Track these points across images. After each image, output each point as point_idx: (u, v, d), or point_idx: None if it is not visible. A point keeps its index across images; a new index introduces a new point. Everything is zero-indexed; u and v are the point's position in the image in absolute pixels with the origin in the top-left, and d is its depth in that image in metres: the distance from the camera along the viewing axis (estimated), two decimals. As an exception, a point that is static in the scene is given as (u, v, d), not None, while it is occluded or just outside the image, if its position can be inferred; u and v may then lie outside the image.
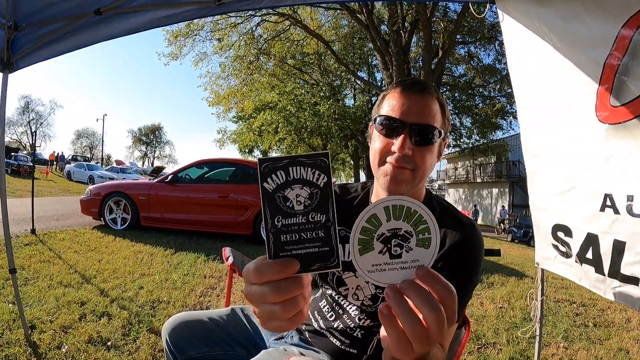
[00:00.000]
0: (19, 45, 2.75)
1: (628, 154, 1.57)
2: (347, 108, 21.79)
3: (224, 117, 24.02)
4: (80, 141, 73.21)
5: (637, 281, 1.57)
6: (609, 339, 3.86)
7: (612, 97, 1.61)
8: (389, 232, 0.58)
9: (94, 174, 26.74)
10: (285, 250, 0.58)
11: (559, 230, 2.03)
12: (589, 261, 1.82)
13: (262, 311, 0.59)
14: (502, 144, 25.60)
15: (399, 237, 0.58)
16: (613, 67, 1.58)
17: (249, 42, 16.73)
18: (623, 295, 1.66)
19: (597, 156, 1.72)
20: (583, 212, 1.84)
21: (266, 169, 0.57)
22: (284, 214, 0.58)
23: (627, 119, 1.55)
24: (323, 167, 0.58)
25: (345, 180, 46.12)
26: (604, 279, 1.74)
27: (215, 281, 4.91)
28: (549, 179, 2.09)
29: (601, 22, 1.63)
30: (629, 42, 1.51)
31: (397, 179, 1.16)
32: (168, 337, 1.44)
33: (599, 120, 1.69)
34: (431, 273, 0.57)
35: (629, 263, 1.60)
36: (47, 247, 5.82)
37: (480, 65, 19.36)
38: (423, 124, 1.15)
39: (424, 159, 1.17)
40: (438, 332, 0.54)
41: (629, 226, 1.59)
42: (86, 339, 2.99)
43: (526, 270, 7.48)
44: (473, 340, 3.64)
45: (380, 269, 0.59)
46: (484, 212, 34.87)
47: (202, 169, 8.64)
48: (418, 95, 1.17)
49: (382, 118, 1.19)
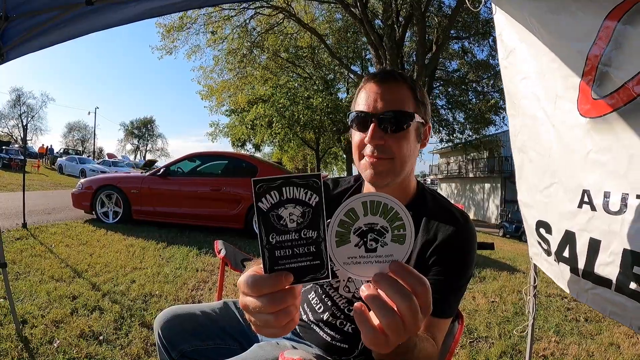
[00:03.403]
0: (10, 36, 2.71)
1: (607, 149, 1.53)
2: (340, 102, 21.73)
3: (216, 111, 23.96)
4: (72, 134, 72.51)
5: (610, 284, 1.51)
6: (600, 334, 3.89)
7: (594, 89, 1.57)
8: (365, 226, 0.61)
9: (86, 167, 26.53)
10: (279, 265, 0.62)
11: (541, 226, 2.01)
12: (565, 260, 1.78)
13: (257, 320, 0.63)
14: (495, 139, 25.68)
15: (375, 231, 0.61)
16: (596, 57, 1.55)
17: (242, 35, 16.63)
18: (595, 299, 1.62)
19: (577, 151, 1.68)
20: (562, 209, 1.80)
21: (260, 189, 0.60)
22: (277, 231, 0.61)
23: (607, 112, 1.51)
24: (315, 188, 0.60)
25: (338, 174, 46.22)
26: (578, 279, 1.69)
27: (208, 275, 4.91)
28: (534, 174, 2.07)
29: (588, 12, 1.60)
30: (612, 31, 1.48)
31: (377, 170, 1.17)
32: (160, 331, 1.43)
33: (580, 114, 1.65)
34: (403, 267, 0.60)
35: (603, 263, 1.55)
36: (38, 241, 5.78)
37: (474, 60, 19.41)
38: (391, 110, 1.15)
39: (399, 146, 1.16)
40: (412, 322, 0.56)
41: (605, 224, 1.54)
42: (78, 333, 2.97)
43: (518, 264, 7.51)
44: (465, 334, 3.66)
45: (356, 262, 0.62)
46: (476, 207, 35.02)
47: (194, 162, 8.59)
48: (383, 84, 1.19)
49: (354, 114, 1.21)
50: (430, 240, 1.17)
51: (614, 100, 1.48)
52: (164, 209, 7.87)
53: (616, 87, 1.47)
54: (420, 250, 1.18)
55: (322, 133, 25.51)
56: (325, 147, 31.56)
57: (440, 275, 1.13)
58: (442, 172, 42.84)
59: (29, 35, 2.67)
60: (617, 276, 1.47)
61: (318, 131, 24.89)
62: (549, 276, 2.03)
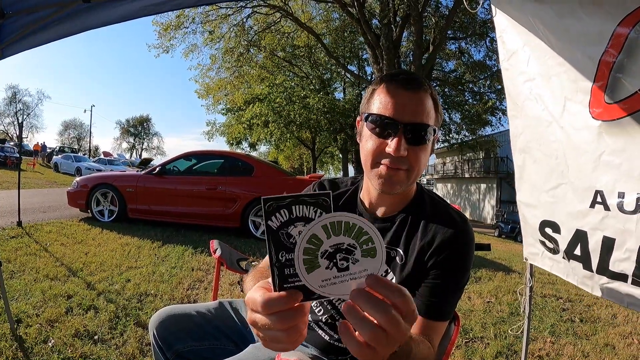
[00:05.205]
0: (6, 33, 2.69)
1: (621, 151, 1.57)
2: (337, 101, 21.74)
3: (213, 110, 23.96)
4: (68, 132, 72.37)
5: (626, 278, 1.57)
6: (595, 335, 3.91)
7: (607, 94, 1.61)
8: (331, 247, 0.60)
9: (82, 165, 26.48)
10: (289, 282, 0.62)
11: (546, 226, 2.03)
12: (577, 257, 1.83)
13: (267, 336, 0.64)
14: (491, 139, 25.74)
15: (343, 251, 0.60)
16: (608, 64, 1.58)
17: (239, 33, 16.60)
18: (611, 292, 1.67)
19: (590, 152, 1.71)
20: (572, 209, 1.83)
21: (270, 207, 0.60)
22: (287, 249, 0.61)
23: (621, 116, 1.55)
24: (325, 206, 0.62)
25: (334, 174, 46.24)
26: (592, 275, 1.74)
27: (203, 274, 4.89)
28: (539, 174, 2.09)
29: (597, 19, 1.63)
30: (625, 39, 1.51)
31: (391, 180, 1.14)
32: (155, 330, 1.42)
33: (592, 117, 1.69)
34: (379, 280, 0.59)
35: (618, 260, 1.60)
36: (33, 240, 5.74)
37: (471, 61, 19.48)
38: (418, 123, 1.10)
39: (418, 159, 1.13)
40: (395, 332, 0.57)
41: (620, 223, 1.59)
42: (73, 332, 2.95)
43: (513, 265, 7.54)
44: (461, 334, 3.66)
45: (331, 283, 0.62)
46: (472, 208, 35.13)
47: (190, 161, 8.54)
48: (412, 92, 1.12)
49: (375, 117, 1.13)
50: (429, 242, 1.16)
51: (627, 105, 1.53)
52: (159, 208, 7.83)
53: (629, 93, 1.52)
54: (418, 252, 1.17)
55: (319, 133, 25.55)
56: (322, 147, 31.64)
57: (438, 279, 1.13)
58: (438, 172, 42.95)
59: (25, 32, 2.65)
60: (634, 271, 1.54)
61: (314, 131, 24.94)
62: (555, 274, 2.06)
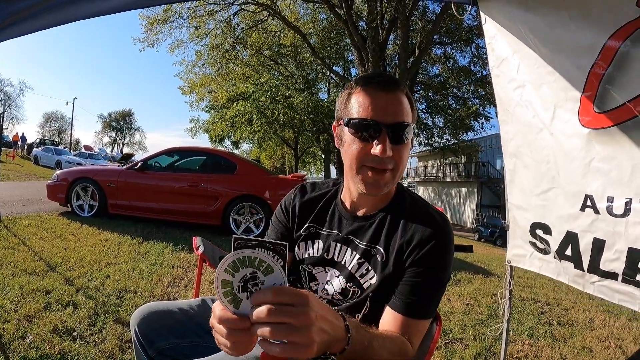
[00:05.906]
0: (-11, 21, 2.65)
1: (610, 158, 1.66)
2: (321, 102, 21.74)
3: (197, 106, 23.76)
4: (49, 124, 70.82)
5: (616, 276, 1.68)
6: (573, 337, 3.98)
7: (596, 104, 1.69)
8: (241, 282, 0.72)
9: (62, 158, 25.97)
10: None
11: (537, 228, 2.12)
12: (568, 257, 1.92)
13: (218, 340, 0.77)
14: (473, 144, 26.01)
15: (249, 279, 0.72)
16: (598, 75, 1.66)
17: (225, 30, 16.51)
18: (602, 289, 1.77)
19: (580, 159, 1.80)
20: (563, 212, 1.93)
21: (239, 245, 0.71)
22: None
23: (609, 125, 1.63)
24: (281, 254, 0.72)
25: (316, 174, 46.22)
26: (583, 274, 1.84)
27: (183, 271, 4.86)
28: (529, 179, 2.16)
29: (587, 31, 1.70)
30: (615, 52, 1.58)
31: (378, 184, 1.16)
32: (137, 327, 1.40)
33: (581, 125, 1.77)
34: (258, 295, 0.71)
35: (608, 260, 1.71)
36: (11, 233, 5.63)
37: (456, 66, 19.68)
38: (400, 122, 1.13)
39: (402, 157, 1.16)
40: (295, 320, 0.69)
41: (609, 226, 1.69)
42: (51, 329, 2.90)
43: (492, 268, 7.62)
44: (441, 335, 3.69)
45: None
46: (452, 211, 35.45)
47: (172, 157, 8.44)
48: (390, 93, 1.15)
49: (357, 121, 1.14)
50: (408, 240, 1.17)
51: (615, 115, 1.62)
52: (140, 204, 7.73)
53: (618, 104, 1.61)
54: (397, 251, 1.17)
55: (302, 132, 25.51)
56: (304, 147, 31.59)
57: (418, 277, 1.13)
58: (420, 175, 43.26)
59: (10, 21, 2.60)
60: (624, 270, 1.64)
61: (297, 130, 24.91)
62: (544, 274, 2.15)
